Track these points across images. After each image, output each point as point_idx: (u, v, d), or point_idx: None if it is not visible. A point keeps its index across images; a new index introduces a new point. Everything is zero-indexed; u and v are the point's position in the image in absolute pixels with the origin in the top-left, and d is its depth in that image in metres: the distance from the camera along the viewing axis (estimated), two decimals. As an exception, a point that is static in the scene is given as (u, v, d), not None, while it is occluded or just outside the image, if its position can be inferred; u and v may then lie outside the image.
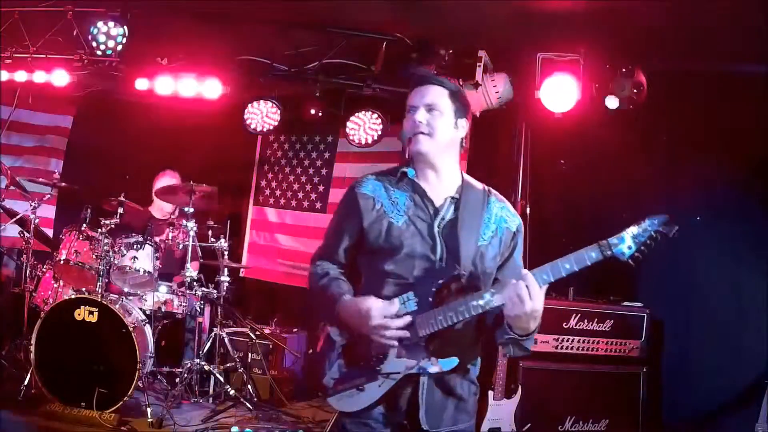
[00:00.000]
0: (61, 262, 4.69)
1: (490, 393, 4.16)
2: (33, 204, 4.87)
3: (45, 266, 5.01)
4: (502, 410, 4.19)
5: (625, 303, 4.54)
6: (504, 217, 2.18)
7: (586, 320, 4.39)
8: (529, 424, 4.25)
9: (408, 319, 2.00)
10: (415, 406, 2.06)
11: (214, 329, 5.22)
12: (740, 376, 4.32)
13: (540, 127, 4.87)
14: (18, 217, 4.98)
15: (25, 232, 5.01)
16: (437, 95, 2.13)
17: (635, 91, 4.31)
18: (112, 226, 4.70)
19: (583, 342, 4.38)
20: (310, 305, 2.26)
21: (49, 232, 5.82)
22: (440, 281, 2.03)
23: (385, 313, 1.98)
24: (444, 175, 2.17)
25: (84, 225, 4.77)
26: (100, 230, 4.66)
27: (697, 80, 4.47)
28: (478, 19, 4.31)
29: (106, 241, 4.64)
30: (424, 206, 2.13)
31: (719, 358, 4.44)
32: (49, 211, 6.27)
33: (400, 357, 2.02)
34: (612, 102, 4.32)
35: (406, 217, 2.10)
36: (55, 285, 4.92)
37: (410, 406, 2.07)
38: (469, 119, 2.20)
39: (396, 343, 2.00)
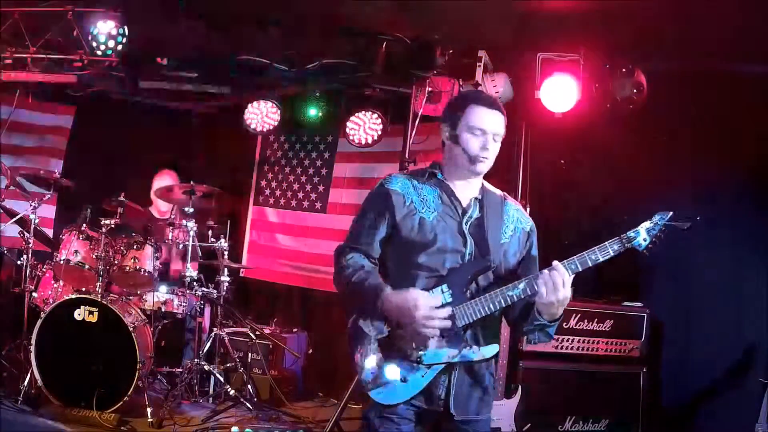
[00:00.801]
0: (61, 262, 4.69)
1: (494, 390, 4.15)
2: (33, 204, 4.87)
3: (45, 266, 5.01)
4: (502, 410, 4.19)
5: (625, 303, 4.54)
6: (519, 218, 2.36)
7: (586, 320, 4.39)
8: (529, 424, 4.25)
9: (449, 310, 2.10)
10: (447, 393, 2.18)
11: (214, 329, 5.22)
12: (740, 375, 4.32)
13: (540, 127, 4.87)
14: (18, 217, 4.97)
15: (25, 232, 5.00)
16: (502, 125, 2.26)
17: (635, 91, 4.31)
18: (112, 226, 4.70)
19: (583, 342, 4.38)
20: (342, 297, 2.30)
21: (49, 232, 5.81)
22: (472, 273, 2.18)
23: (431, 304, 2.08)
24: (471, 184, 2.31)
25: (84, 225, 4.77)
26: (100, 230, 4.66)
27: (697, 80, 4.47)
28: (478, 19, 4.31)
29: (106, 241, 4.65)
30: (452, 205, 2.27)
31: (719, 358, 4.44)
32: (49, 211, 6.26)
33: (441, 347, 2.13)
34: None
35: (437, 213, 2.23)
36: (55, 285, 4.91)
37: (446, 394, 2.19)
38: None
39: (438, 333, 2.10)
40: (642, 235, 2.11)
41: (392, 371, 2.13)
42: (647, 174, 4.68)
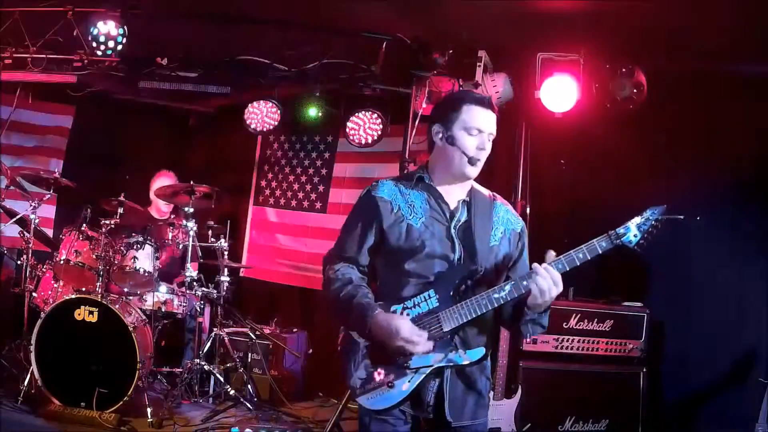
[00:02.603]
0: (61, 262, 4.70)
1: (491, 393, 4.16)
2: (33, 204, 4.87)
3: (45, 266, 5.01)
4: (502, 410, 4.19)
5: (625, 303, 4.54)
6: (509, 219, 2.34)
7: (586, 320, 4.38)
8: (529, 424, 4.25)
9: (430, 345, 2.10)
10: (441, 400, 2.17)
11: (214, 329, 5.22)
12: (740, 376, 4.32)
13: (540, 127, 4.87)
14: (18, 217, 4.97)
15: (25, 232, 5.01)
16: (495, 125, 2.24)
17: (635, 91, 4.31)
18: (112, 226, 4.70)
19: (583, 342, 4.38)
20: (330, 309, 2.29)
21: (49, 232, 5.81)
22: (459, 278, 2.16)
23: (411, 333, 2.08)
24: (461, 185, 2.30)
25: (84, 225, 4.77)
26: (100, 230, 4.66)
27: (697, 80, 4.47)
28: (478, 19, 4.31)
29: (106, 241, 4.65)
30: (440, 209, 2.25)
31: (719, 358, 4.44)
32: (49, 211, 6.26)
33: (426, 352, 2.11)
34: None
35: (424, 218, 2.22)
36: (55, 285, 4.92)
37: (437, 400, 2.17)
38: None
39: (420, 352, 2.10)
40: (632, 231, 2.09)
41: (379, 376, 2.14)
42: (647, 174, 4.68)
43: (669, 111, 4.64)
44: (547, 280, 2.05)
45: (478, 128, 2.19)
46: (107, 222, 4.67)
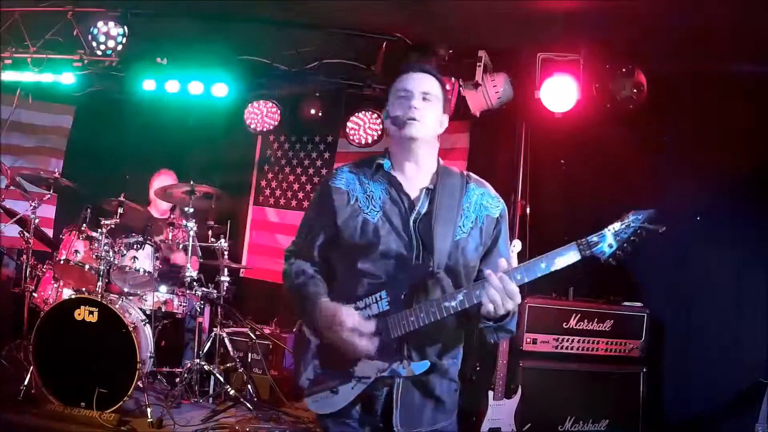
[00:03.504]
0: (61, 262, 4.69)
1: (490, 393, 4.16)
2: (33, 204, 4.87)
3: (45, 266, 5.01)
4: (502, 410, 4.18)
5: (625, 303, 4.54)
6: (484, 204, 2.10)
7: (586, 320, 4.39)
8: (529, 424, 4.25)
9: (376, 342, 1.92)
10: (390, 408, 2.00)
11: (214, 329, 5.22)
12: (740, 376, 4.32)
13: (540, 127, 4.87)
14: (18, 217, 4.97)
15: (25, 232, 5.01)
16: (433, 85, 2.07)
17: (635, 91, 4.32)
18: (112, 226, 4.70)
19: (583, 342, 4.38)
20: (286, 304, 2.21)
21: (49, 232, 5.81)
22: (414, 279, 1.96)
23: (356, 325, 1.91)
24: (422, 167, 2.10)
25: (84, 225, 4.77)
26: (100, 230, 4.66)
27: (697, 80, 4.47)
28: (478, 19, 4.31)
29: (106, 241, 4.65)
30: (400, 200, 2.04)
31: (719, 358, 4.44)
32: (49, 211, 6.26)
33: (372, 359, 1.96)
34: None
35: (382, 212, 2.02)
36: (55, 285, 4.92)
37: (386, 408, 2.02)
38: (447, 119, 2.14)
39: (364, 354, 1.94)
40: (608, 240, 1.81)
41: (324, 380, 2.03)
42: (647, 174, 4.69)
43: (669, 111, 4.64)
44: (500, 293, 1.81)
45: (404, 89, 2.04)
46: (107, 222, 4.67)
